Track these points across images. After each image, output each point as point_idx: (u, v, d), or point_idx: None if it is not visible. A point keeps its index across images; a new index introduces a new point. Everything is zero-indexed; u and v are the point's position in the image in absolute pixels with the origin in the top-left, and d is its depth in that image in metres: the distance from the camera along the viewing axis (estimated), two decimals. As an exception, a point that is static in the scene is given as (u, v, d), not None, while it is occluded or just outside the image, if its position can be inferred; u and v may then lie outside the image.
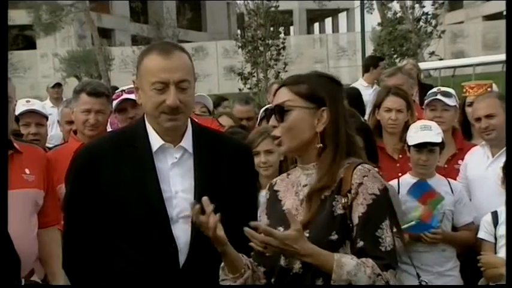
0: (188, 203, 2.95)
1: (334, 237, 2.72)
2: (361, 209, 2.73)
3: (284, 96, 2.86)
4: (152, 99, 2.97)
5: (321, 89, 2.87)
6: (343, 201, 2.75)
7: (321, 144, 2.83)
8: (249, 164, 3.22)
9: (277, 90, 2.94)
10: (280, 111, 2.83)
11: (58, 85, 12.48)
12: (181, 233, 2.96)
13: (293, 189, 2.90)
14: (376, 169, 2.90)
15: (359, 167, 2.81)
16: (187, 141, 3.08)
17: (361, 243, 2.71)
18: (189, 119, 3.16)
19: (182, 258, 2.95)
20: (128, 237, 2.96)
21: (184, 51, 3.13)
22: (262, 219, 2.92)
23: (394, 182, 4.63)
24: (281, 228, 2.76)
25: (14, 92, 4.03)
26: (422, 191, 4.54)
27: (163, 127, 3.02)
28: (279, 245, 2.59)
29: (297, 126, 2.83)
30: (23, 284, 3.21)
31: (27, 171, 3.92)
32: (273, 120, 2.88)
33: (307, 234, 2.71)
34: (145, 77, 3.00)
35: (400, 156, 4.93)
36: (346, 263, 2.62)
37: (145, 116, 3.12)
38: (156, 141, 3.04)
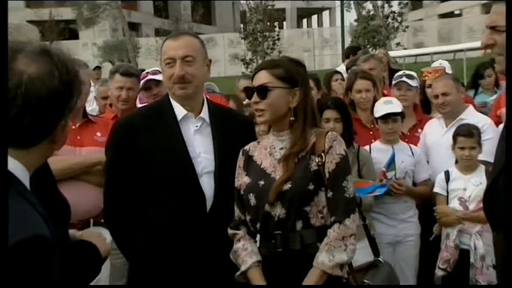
0: (209, 162, 3.00)
1: (311, 187, 2.75)
2: (331, 166, 2.77)
3: (265, 78, 2.83)
4: (166, 73, 3.02)
5: (295, 72, 2.87)
6: (317, 160, 2.77)
7: (294, 117, 2.85)
8: (251, 132, 3.21)
9: (256, 72, 2.92)
10: (263, 91, 2.81)
11: (98, 68, 12.50)
12: (207, 185, 2.97)
13: (267, 152, 2.89)
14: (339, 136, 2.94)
15: (329, 133, 2.86)
16: (205, 113, 3.09)
17: (330, 193, 2.76)
18: (205, 98, 3.16)
19: (208, 204, 2.95)
20: (163, 190, 2.95)
21: (194, 36, 3.17)
22: (242, 177, 2.90)
23: (367, 147, 4.63)
24: (262, 182, 2.81)
25: (89, 76, 4.38)
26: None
27: (177, 95, 3.03)
28: None
29: (276, 103, 2.82)
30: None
31: (98, 134, 4.02)
32: (255, 97, 2.84)
33: (289, 185, 2.74)
34: (162, 57, 3.05)
35: (373, 126, 4.91)
36: (326, 262, 2.65)
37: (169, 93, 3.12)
38: (180, 111, 3.04)
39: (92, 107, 7.67)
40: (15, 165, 1.55)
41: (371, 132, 4.93)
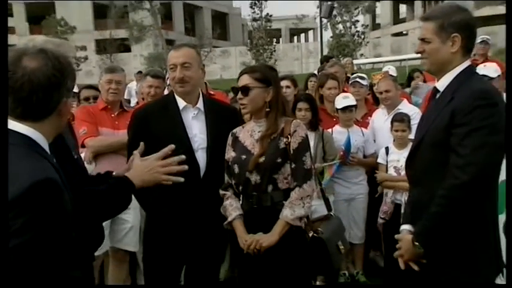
0: (203, 141, 2.92)
1: (279, 160, 2.68)
2: (295, 145, 2.70)
3: (246, 80, 2.77)
4: (170, 75, 2.95)
5: (268, 75, 2.80)
6: (284, 140, 2.71)
7: (269, 109, 2.78)
8: (236, 120, 3.12)
9: (240, 76, 2.85)
10: (245, 90, 2.75)
11: (140, 72, 12.38)
12: (200, 158, 2.90)
13: (248, 134, 2.81)
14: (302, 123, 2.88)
15: (294, 121, 2.79)
16: (200, 104, 3.00)
17: (293, 165, 2.69)
18: (200, 93, 3.07)
19: (202, 172, 2.89)
20: None
21: (191, 47, 3.06)
22: (230, 152, 2.83)
23: (330, 130, 4.59)
24: (244, 156, 2.75)
25: (124, 78, 4.26)
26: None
27: (178, 92, 2.95)
28: None
29: (255, 99, 2.76)
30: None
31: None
32: (240, 95, 2.78)
33: (263, 159, 2.68)
34: (167, 64, 2.98)
35: (335, 114, 4.86)
36: (289, 216, 2.61)
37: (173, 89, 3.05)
38: (181, 103, 2.96)
39: (135, 100, 7.65)
40: (34, 134, 1.60)
41: (334, 119, 4.86)
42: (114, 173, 2.17)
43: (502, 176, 2.27)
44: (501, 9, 25.98)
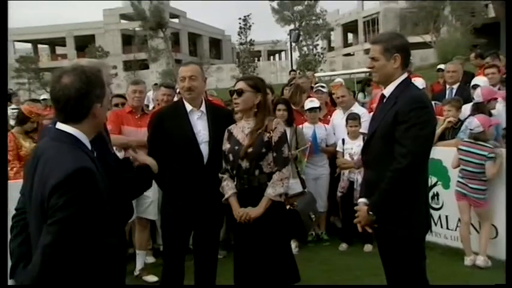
0: (205, 136, 2.79)
1: (264, 150, 2.58)
2: (276, 138, 2.59)
3: (241, 85, 2.66)
4: (180, 85, 2.82)
5: (258, 84, 2.69)
6: (267, 135, 2.60)
7: (257, 109, 2.67)
8: (230, 118, 2.99)
9: (237, 82, 2.74)
10: (240, 92, 2.65)
11: (156, 84, 12.19)
12: (204, 149, 2.77)
13: (240, 130, 2.70)
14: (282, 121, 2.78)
15: (275, 119, 2.69)
16: (203, 108, 2.87)
17: (275, 154, 2.59)
18: (203, 99, 2.94)
19: (205, 160, 2.77)
20: (179, 152, 2.75)
21: (196, 64, 2.93)
22: (226, 144, 2.71)
23: (301, 126, 4.52)
24: (236, 147, 2.63)
25: (145, 88, 4.12)
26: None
27: (186, 98, 2.83)
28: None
29: (247, 100, 2.64)
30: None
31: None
32: (235, 95, 2.67)
33: (251, 149, 2.57)
34: (178, 76, 2.85)
35: (304, 113, 4.79)
36: (271, 193, 2.52)
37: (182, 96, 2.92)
38: (188, 107, 2.83)
39: (152, 105, 7.49)
40: (77, 133, 1.54)
41: (303, 118, 4.79)
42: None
43: (431, 156, 2.27)
44: (417, 39, 26.37)
